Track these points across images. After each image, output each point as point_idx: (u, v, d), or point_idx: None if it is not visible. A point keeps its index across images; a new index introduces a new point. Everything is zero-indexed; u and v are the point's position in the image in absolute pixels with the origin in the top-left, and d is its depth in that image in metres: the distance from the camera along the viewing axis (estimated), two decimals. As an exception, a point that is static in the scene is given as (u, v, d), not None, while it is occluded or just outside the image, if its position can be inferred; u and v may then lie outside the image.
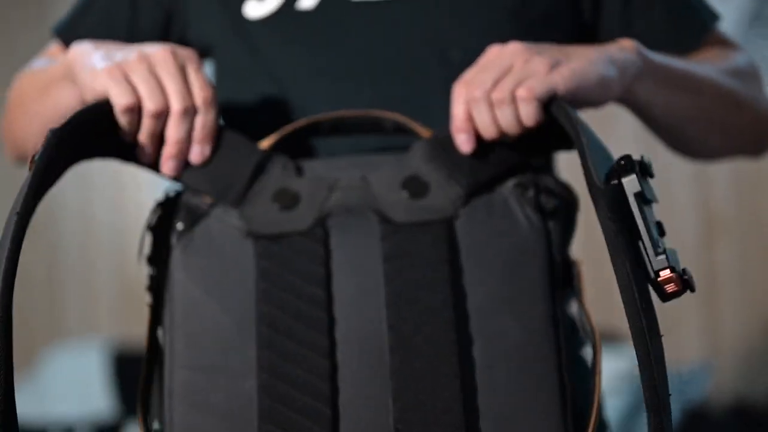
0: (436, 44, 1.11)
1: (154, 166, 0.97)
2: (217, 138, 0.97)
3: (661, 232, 0.85)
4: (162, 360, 0.94)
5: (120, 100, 0.93)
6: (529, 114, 0.92)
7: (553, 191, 0.96)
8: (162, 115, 0.94)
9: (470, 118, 0.95)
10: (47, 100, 1.13)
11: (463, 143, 0.96)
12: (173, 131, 0.95)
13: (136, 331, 0.98)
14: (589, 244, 0.97)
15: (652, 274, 0.82)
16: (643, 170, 0.84)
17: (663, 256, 0.82)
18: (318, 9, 1.13)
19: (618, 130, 1.21)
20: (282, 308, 0.90)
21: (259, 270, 0.92)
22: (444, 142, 0.96)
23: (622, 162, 0.83)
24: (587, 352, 1.00)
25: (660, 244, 0.82)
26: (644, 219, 0.82)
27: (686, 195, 3.27)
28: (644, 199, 0.83)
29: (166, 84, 0.94)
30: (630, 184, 0.83)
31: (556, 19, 1.14)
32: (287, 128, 1.00)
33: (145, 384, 0.95)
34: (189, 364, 0.91)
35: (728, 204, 3.31)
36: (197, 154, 0.96)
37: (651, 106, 1.09)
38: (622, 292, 0.81)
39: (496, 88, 0.94)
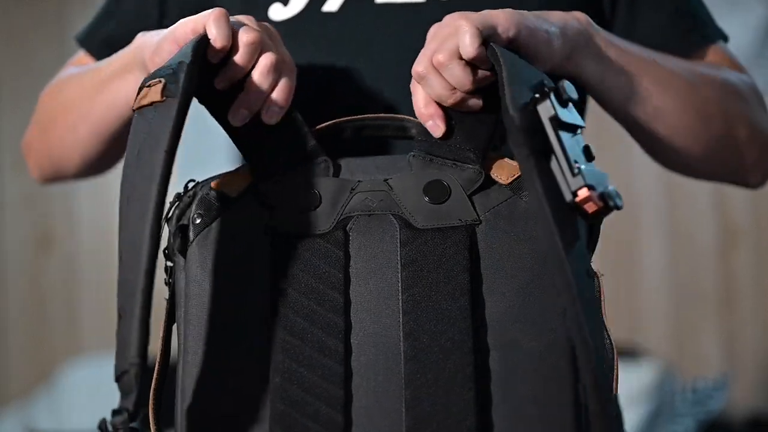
0: None
1: (224, 115, 0.96)
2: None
3: (589, 157, 0.84)
4: (176, 356, 0.94)
5: (219, 31, 0.91)
6: (467, 44, 0.90)
7: None
8: (255, 49, 0.94)
9: (429, 101, 0.95)
10: (100, 99, 1.12)
11: (433, 128, 0.95)
12: (261, 79, 0.93)
13: (154, 345, 0.97)
14: (610, 260, 0.97)
15: (570, 196, 0.81)
16: (560, 96, 0.84)
17: (579, 177, 0.81)
18: (342, 11, 1.14)
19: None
20: (298, 311, 0.90)
21: (276, 270, 0.91)
22: (429, 140, 0.96)
23: (537, 91, 0.84)
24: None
25: (578, 164, 0.81)
26: (560, 141, 0.82)
27: (704, 205, 3.26)
28: (562, 124, 0.83)
29: (262, 38, 0.94)
30: (544, 109, 0.83)
31: None
32: (312, 130, 1.00)
33: (158, 380, 0.95)
34: (201, 362, 0.91)
35: (746, 214, 3.30)
36: (274, 113, 0.95)
37: (606, 88, 1.06)
38: (539, 216, 0.81)
39: (436, 52, 0.93)
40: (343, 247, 0.92)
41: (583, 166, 0.82)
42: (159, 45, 0.98)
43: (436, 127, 0.95)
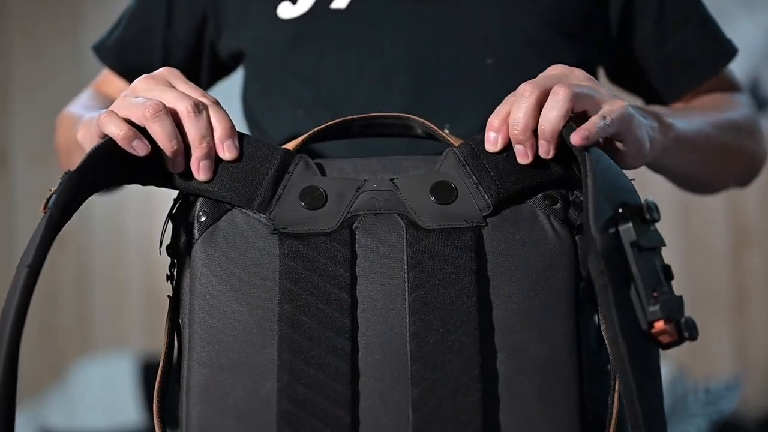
0: (471, 49, 1.11)
1: (180, 179, 0.95)
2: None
3: (668, 276, 0.84)
4: (180, 355, 0.94)
5: (117, 131, 0.90)
6: (553, 117, 0.89)
7: (582, 206, 0.94)
8: (164, 116, 0.91)
9: (506, 122, 0.92)
10: (73, 162, 1.15)
11: (520, 153, 0.92)
12: (193, 128, 0.92)
13: (158, 342, 0.97)
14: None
15: (645, 326, 0.81)
16: (643, 217, 0.83)
17: (656, 307, 0.81)
18: (351, 8, 1.14)
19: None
20: (305, 310, 0.89)
21: (283, 269, 0.91)
22: (475, 150, 0.94)
23: (620, 210, 0.83)
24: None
25: (656, 293, 0.81)
26: (639, 269, 0.81)
27: (717, 207, 3.26)
28: (643, 248, 0.82)
29: (163, 97, 0.92)
30: (626, 233, 0.82)
31: (590, 30, 1.15)
32: (316, 129, 0.99)
33: (162, 379, 0.95)
34: (207, 361, 0.90)
35: (758, 215, 3.29)
36: (229, 148, 0.93)
37: (667, 169, 1.17)
38: (609, 346, 0.80)
39: (562, 84, 0.90)
40: (349, 246, 0.91)
41: (661, 294, 0.82)
42: (83, 138, 1.01)
43: (525, 155, 0.92)
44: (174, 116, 0.91)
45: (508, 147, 0.93)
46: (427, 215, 0.93)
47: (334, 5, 1.14)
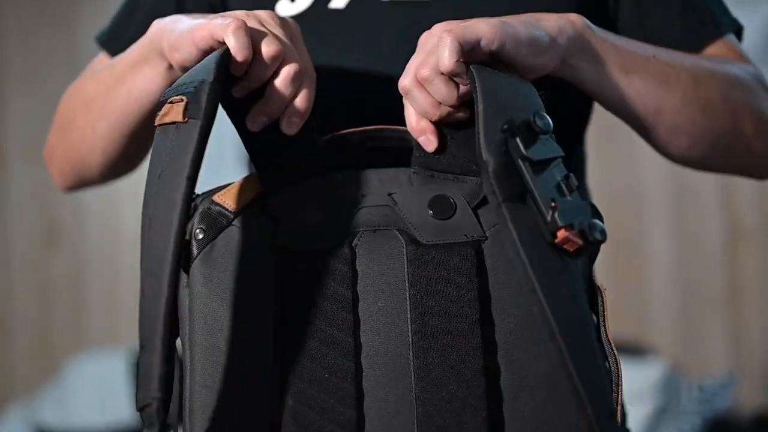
0: None
1: (241, 119, 0.95)
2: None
3: (569, 186, 0.83)
4: (182, 375, 0.92)
5: (239, 44, 0.90)
6: (444, 58, 0.89)
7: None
8: (276, 61, 0.92)
9: (419, 116, 0.94)
10: (117, 93, 1.11)
11: (426, 143, 0.94)
12: (282, 89, 0.92)
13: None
14: (617, 258, 0.96)
15: (549, 238, 0.80)
16: (532, 129, 0.83)
17: (555, 215, 0.79)
18: (349, 8, 1.14)
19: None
20: (308, 331, 0.88)
21: (283, 288, 0.90)
22: (428, 155, 0.94)
23: (506, 127, 0.82)
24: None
25: (554, 203, 0.80)
26: (533, 182, 0.80)
27: (711, 203, 3.26)
28: (535, 162, 0.81)
29: (283, 49, 0.93)
30: (515, 149, 0.82)
31: (585, 15, 1.14)
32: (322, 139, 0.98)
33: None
34: (210, 383, 0.89)
35: (753, 212, 3.29)
36: (293, 123, 0.93)
37: (605, 89, 1.04)
38: (517, 264, 0.80)
39: (420, 67, 0.92)
40: (350, 264, 0.91)
41: (561, 203, 0.81)
42: (178, 41, 0.97)
43: (429, 142, 0.94)
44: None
45: (440, 135, 0.94)
46: (426, 230, 0.92)
47: (332, 5, 1.14)
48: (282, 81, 0.93)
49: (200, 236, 0.92)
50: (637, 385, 2.83)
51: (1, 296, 3.79)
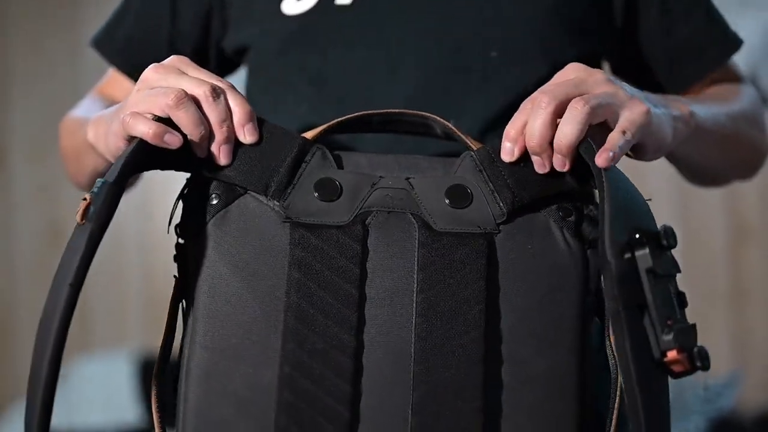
0: (476, 42, 1.11)
1: (197, 163, 0.94)
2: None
3: (682, 303, 0.84)
4: (183, 337, 0.93)
5: (146, 130, 0.90)
6: (569, 132, 0.88)
7: (596, 220, 0.94)
8: (187, 103, 0.91)
9: (523, 129, 0.91)
10: (83, 165, 1.19)
11: (507, 153, 0.92)
12: (214, 113, 0.91)
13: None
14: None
15: (658, 354, 0.81)
16: (660, 243, 0.84)
17: (670, 336, 0.80)
18: (355, 4, 1.14)
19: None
20: (312, 302, 0.88)
21: (293, 259, 0.90)
22: (492, 156, 0.93)
23: (637, 236, 0.82)
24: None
25: (670, 321, 0.81)
26: (654, 296, 0.81)
27: (716, 203, 3.26)
28: (659, 275, 0.82)
29: (180, 84, 0.92)
30: (642, 259, 0.82)
31: (593, 22, 1.15)
32: (337, 121, 0.98)
33: (161, 360, 0.94)
34: (210, 345, 0.90)
35: (757, 211, 3.29)
36: (249, 131, 0.93)
37: (683, 159, 1.16)
38: (621, 373, 0.81)
39: (581, 98, 0.89)
40: (361, 241, 0.91)
41: (675, 321, 0.82)
42: (107, 139, 0.97)
43: (507, 154, 0.92)
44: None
45: (525, 155, 0.92)
46: (440, 217, 0.92)
47: (338, 1, 1.14)
48: (208, 107, 0.91)
49: (215, 201, 0.92)
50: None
51: (4, 296, 3.79)
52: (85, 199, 0.87)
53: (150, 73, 0.94)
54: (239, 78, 1.30)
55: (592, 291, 0.93)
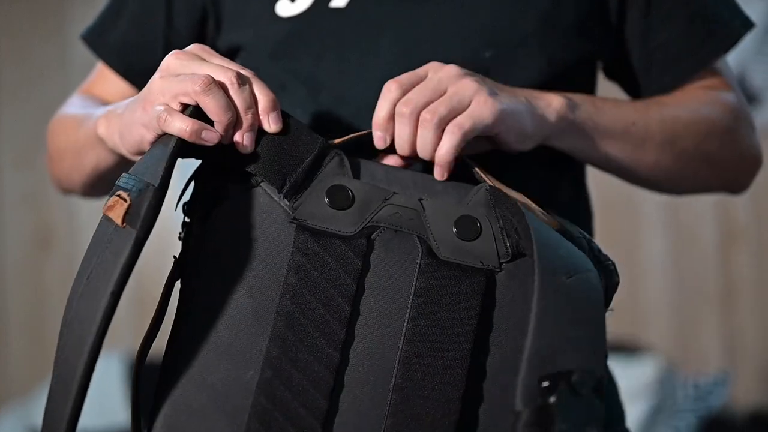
0: (469, 44, 1.11)
1: (219, 151, 0.93)
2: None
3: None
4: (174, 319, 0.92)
5: (183, 127, 0.89)
6: (445, 150, 0.95)
7: (609, 269, 0.94)
8: (226, 106, 0.91)
9: (391, 120, 0.97)
10: (83, 160, 1.16)
11: (379, 140, 0.97)
12: (240, 99, 0.91)
13: (156, 342, 0.96)
14: (613, 256, 0.96)
15: None
16: (572, 388, 0.81)
17: None
18: (350, 6, 1.13)
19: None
20: (304, 310, 0.88)
21: (292, 263, 0.89)
22: (506, 194, 0.94)
23: (545, 385, 0.80)
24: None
25: None
26: None
27: (706, 202, 3.26)
28: (574, 421, 0.80)
29: (205, 70, 0.92)
30: (552, 409, 0.80)
31: (587, 26, 1.14)
32: (360, 134, 0.98)
33: (147, 338, 0.94)
34: (195, 334, 0.89)
35: (747, 211, 3.30)
36: (274, 120, 0.93)
37: (584, 157, 1.12)
38: None
39: (428, 110, 0.95)
40: (363, 256, 0.90)
41: None
42: (129, 129, 0.96)
43: (380, 141, 0.98)
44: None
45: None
46: (445, 246, 0.91)
47: (333, 4, 1.13)
48: (235, 93, 0.92)
49: (226, 188, 0.92)
50: (633, 384, 2.83)
51: (-5, 300, 3.78)
52: (122, 198, 0.85)
53: (172, 59, 0.94)
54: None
55: None
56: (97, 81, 1.30)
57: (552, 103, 1.04)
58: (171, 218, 0.95)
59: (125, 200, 0.85)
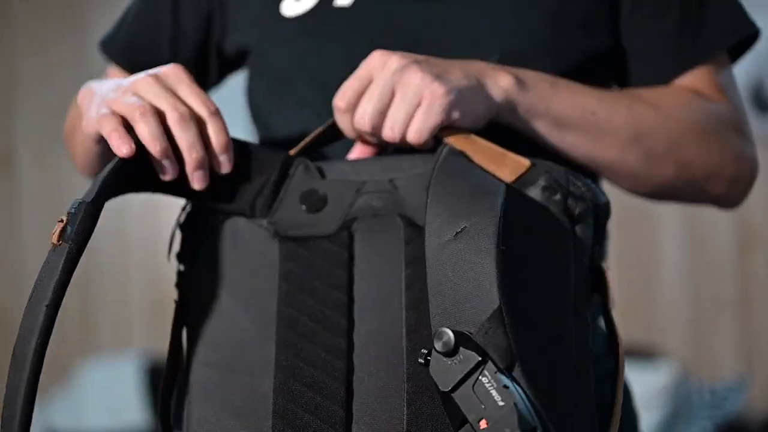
0: (475, 46, 1.10)
1: (181, 188, 0.95)
2: (235, 149, 0.95)
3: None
4: (187, 358, 0.94)
5: (120, 149, 0.91)
6: (424, 131, 0.95)
7: (582, 196, 0.93)
8: (159, 136, 0.91)
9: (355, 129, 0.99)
10: (79, 145, 1.17)
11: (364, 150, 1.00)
12: (180, 136, 0.92)
13: (158, 344, 0.97)
14: (629, 261, 0.96)
15: None
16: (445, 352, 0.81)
17: None
18: (355, 5, 1.13)
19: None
20: (302, 310, 0.89)
21: (282, 271, 0.91)
22: (458, 151, 0.95)
23: (424, 353, 0.81)
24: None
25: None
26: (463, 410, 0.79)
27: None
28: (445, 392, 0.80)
29: (157, 101, 0.92)
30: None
31: (596, 24, 1.12)
32: (314, 133, 1.00)
33: (166, 384, 0.95)
34: (207, 361, 0.91)
35: (764, 217, 3.29)
36: (223, 163, 0.94)
37: (538, 142, 1.05)
38: None
39: (387, 126, 0.96)
40: (347, 248, 0.92)
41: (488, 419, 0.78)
42: (87, 111, 0.98)
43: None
44: (164, 120, 0.92)
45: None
46: (425, 213, 0.91)
47: (338, 3, 1.14)
48: (177, 130, 0.92)
49: (205, 225, 0.94)
50: (649, 390, 2.82)
51: (11, 301, 3.79)
52: (61, 220, 0.86)
53: (140, 81, 0.95)
54: (239, 79, 1.30)
55: (586, 266, 0.92)
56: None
57: (500, 81, 1.02)
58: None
59: (62, 221, 0.86)
